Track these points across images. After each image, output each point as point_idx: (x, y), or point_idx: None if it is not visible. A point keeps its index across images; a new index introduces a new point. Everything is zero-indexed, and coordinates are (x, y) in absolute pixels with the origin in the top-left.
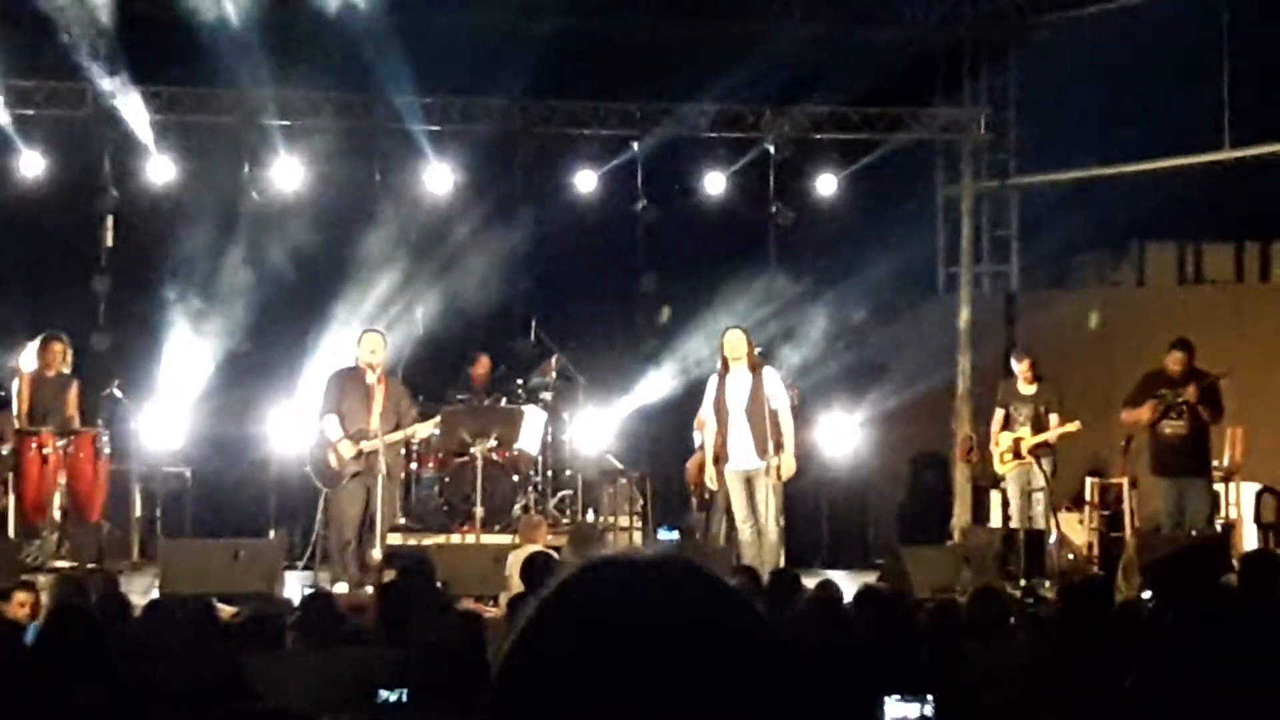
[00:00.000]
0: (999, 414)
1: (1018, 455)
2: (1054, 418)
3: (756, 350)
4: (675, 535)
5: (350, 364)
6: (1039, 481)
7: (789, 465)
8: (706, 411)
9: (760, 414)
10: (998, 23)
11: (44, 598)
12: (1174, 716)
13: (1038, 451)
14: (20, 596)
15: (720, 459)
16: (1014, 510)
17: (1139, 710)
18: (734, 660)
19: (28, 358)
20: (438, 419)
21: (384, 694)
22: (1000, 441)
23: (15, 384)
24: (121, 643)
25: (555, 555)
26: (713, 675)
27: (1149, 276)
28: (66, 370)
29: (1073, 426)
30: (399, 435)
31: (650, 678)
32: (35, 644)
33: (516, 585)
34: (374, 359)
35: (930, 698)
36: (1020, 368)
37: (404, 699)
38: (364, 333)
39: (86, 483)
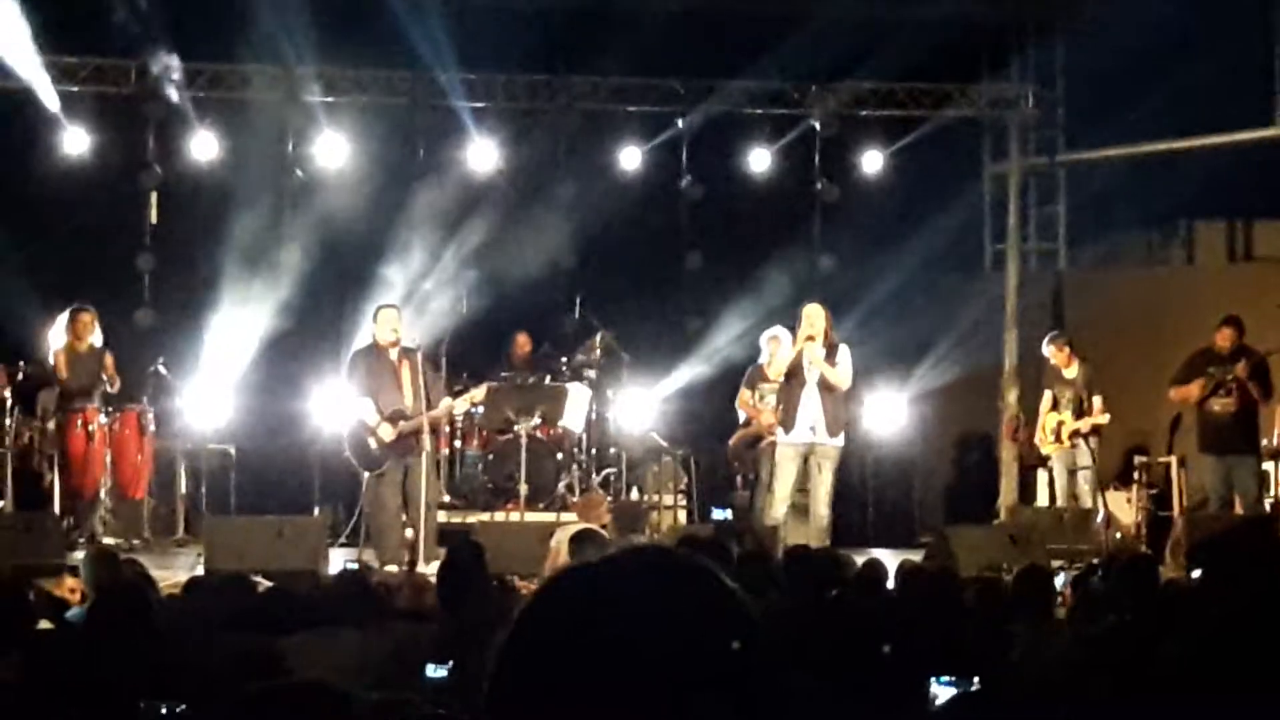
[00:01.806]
0: (1047, 396)
1: (1059, 438)
2: (1097, 400)
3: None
4: (728, 514)
5: (368, 343)
6: (1085, 460)
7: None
8: (776, 365)
9: (831, 390)
10: None
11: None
12: (1219, 696)
13: (1076, 437)
14: (70, 582)
15: (781, 428)
16: (1059, 489)
17: (1185, 689)
18: (713, 662)
19: (57, 333)
20: (476, 394)
21: (431, 670)
22: (1046, 423)
23: (50, 360)
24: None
25: (604, 533)
26: (689, 674)
27: (1198, 254)
28: (98, 343)
29: (1103, 419)
30: (440, 411)
31: (629, 683)
32: (84, 619)
33: (560, 561)
34: (394, 336)
35: (976, 679)
36: (1050, 350)
37: (446, 674)
38: (380, 309)
39: (131, 459)
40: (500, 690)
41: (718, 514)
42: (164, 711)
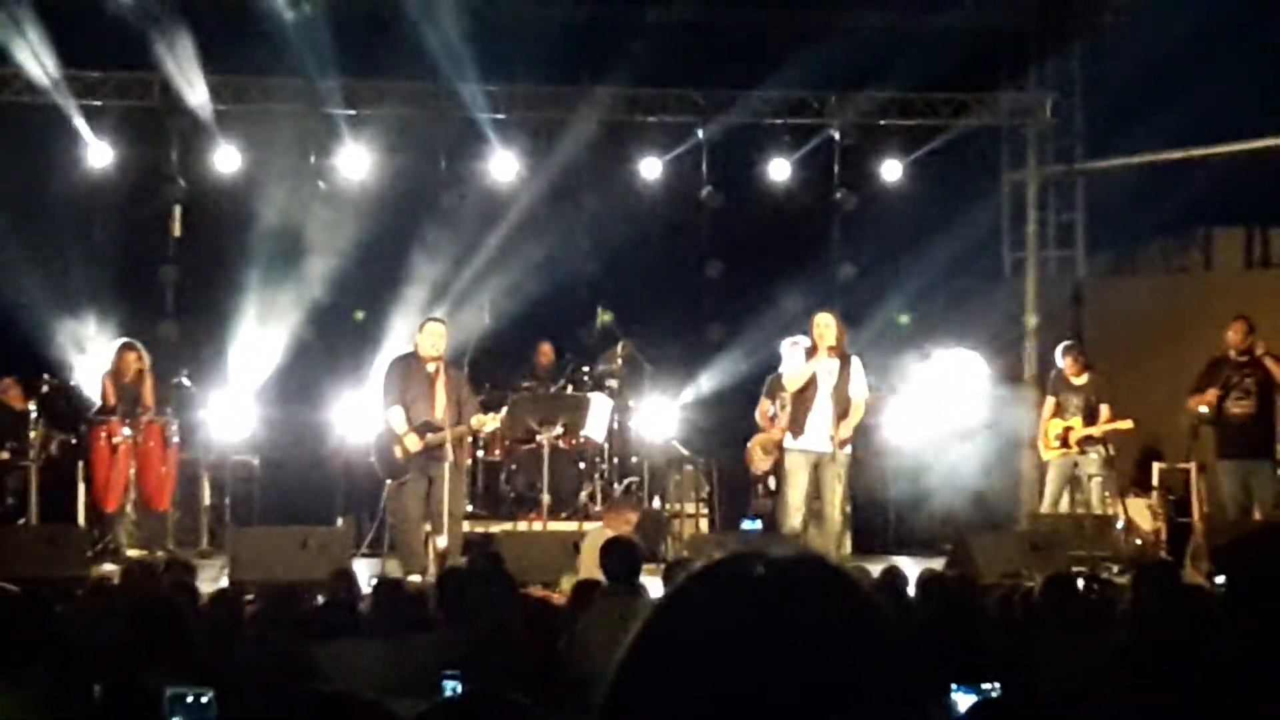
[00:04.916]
0: (1050, 402)
1: (1065, 444)
2: (1104, 409)
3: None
4: (758, 525)
5: (408, 351)
6: (1089, 469)
7: (845, 433)
8: (792, 377)
9: (843, 400)
10: (1063, 7)
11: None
12: (1245, 699)
13: (1085, 443)
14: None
15: (790, 434)
16: (1048, 495)
17: (1212, 694)
18: (854, 660)
19: (104, 360)
20: (502, 413)
21: (449, 684)
22: (1049, 429)
23: (100, 385)
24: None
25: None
26: (830, 676)
27: (1216, 261)
28: (144, 372)
29: (1125, 425)
30: (465, 428)
31: (766, 682)
32: (117, 630)
33: (588, 566)
34: (437, 350)
35: (997, 685)
36: (1065, 362)
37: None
38: (427, 321)
39: (155, 471)
40: (626, 693)
41: (747, 524)
42: (189, 700)
